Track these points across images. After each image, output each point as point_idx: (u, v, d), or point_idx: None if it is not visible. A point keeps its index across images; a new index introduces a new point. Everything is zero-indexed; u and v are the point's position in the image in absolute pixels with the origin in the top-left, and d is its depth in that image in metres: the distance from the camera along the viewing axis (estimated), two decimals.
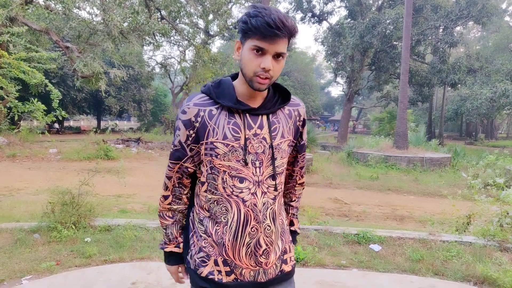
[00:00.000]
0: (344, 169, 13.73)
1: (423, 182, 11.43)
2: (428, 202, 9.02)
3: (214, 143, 1.32)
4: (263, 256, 1.38)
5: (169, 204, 1.49)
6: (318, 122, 53.61)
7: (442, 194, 8.62)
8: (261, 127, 1.35)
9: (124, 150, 16.98)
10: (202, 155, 1.37)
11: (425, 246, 4.28)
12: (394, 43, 23.05)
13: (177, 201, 1.49)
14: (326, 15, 27.57)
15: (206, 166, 1.38)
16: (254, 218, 1.34)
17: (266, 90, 1.38)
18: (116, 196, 7.99)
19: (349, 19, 26.28)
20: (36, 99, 5.29)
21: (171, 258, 1.51)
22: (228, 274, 1.38)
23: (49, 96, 5.50)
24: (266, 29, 1.18)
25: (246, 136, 1.32)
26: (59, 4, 12.67)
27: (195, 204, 1.48)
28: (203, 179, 1.41)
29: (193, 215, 1.48)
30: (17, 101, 5.22)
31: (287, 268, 1.48)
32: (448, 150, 17.79)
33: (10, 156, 13.73)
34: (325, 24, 28.68)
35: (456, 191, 5.51)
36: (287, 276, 1.49)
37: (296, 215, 1.67)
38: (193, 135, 1.35)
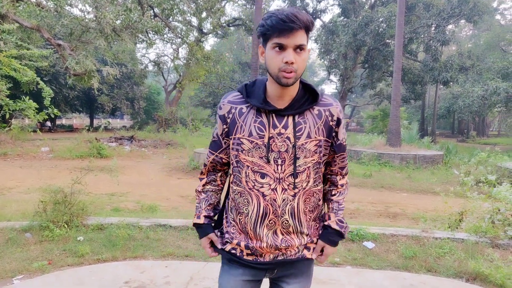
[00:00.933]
0: None
1: (416, 179, 11.49)
2: (421, 199, 9.08)
3: (241, 139, 1.44)
4: (282, 244, 1.48)
5: (204, 185, 1.65)
6: None
7: (435, 191, 8.69)
8: (286, 127, 1.41)
9: (117, 148, 16.89)
10: (230, 149, 1.50)
11: (418, 243, 4.31)
12: (387, 41, 23.12)
13: (212, 182, 1.66)
14: (319, 13, 27.58)
15: (233, 160, 1.50)
16: (272, 212, 1.44)
17: (295, 90, 1.43)
18: (109, 194, 7.95)
19: (342, 17, 26.31)
20: (27, 97, 5.22)
21: (198, 231, 1.63)
22: (248, 255, 1.51)
23: (41, 94, 5.42)
24: (281, 24, 1.26)
25: (270, 135, 1.40)
26: (51, 1, 12.53)
27: (230, 193, 1.59)
28: (230, 171, 1.57)
29: (228, 202, 1.60)
30: (8, 99, 5.15)
31: (308, 255, 1.56)
32: (440, 147, 17.92)
33: (1, 155, 13.61)
34: (318, 22, 28.71)
35: (449, 188, 5.54)
36: (307, 261, 1.59)
37: (336, 209, 1.61)
38: (226, 129, 1.50)
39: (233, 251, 1.53)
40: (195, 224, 1.63)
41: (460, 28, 38.84)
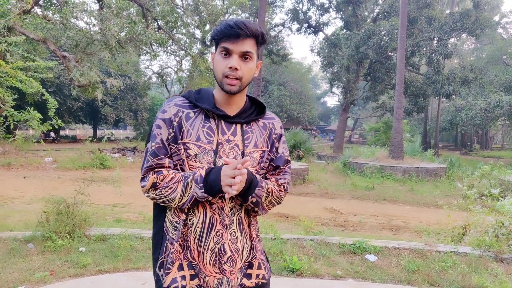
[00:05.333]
0: (340, 179, 13.74)
1: (419, 192, 11.45)
2: (424, 212, 9.03)
3: (187, 144, 1.35)
4: (227, 263, 1.36)
5: (158, 176, 1.34)
6: (314, 132, 53.79)
7: (438, 204, 8.66)
8: (234, 134, 1.39)
9: (120, 159, 16.93)
10: (181, 155, 1.36)
11: (421, 256, 4.28)
12: (389, 54, 23.25)
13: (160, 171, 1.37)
14: (322, 26, 27.81)
15: (179, 167, 1.38)
16: (220, 222, 1.35)
17: (243, 101, 1.44)
18: (112, 205, 7.95)
19: (344, 30, 26.53)
20: (32, 108, 5.28)
21: (208, 183, 1.29)
22: (192, 278, 1.35)
23: (45, 104, 5.47)
24: (228, 29, 1.28)
25: (219, 141, 1.36)
26: (57, 14, 12.72)
27: (170, 209, 1.42)
28: None
29: (167, 223, 1.42)
30: (13, 109, 5.20)
31: (248, 283, 1.43)
32: (443, 160, 17.85)
33: (5, 165, 13.65)
34: (321, 35, 28.93)
35: (452, 201, 5.53)
36: None
37: (263, 181, 1.42)
38: (172, 134, 1.36)
39: (174, 285, 1.33)
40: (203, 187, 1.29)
41: (462, 41, 39.04)
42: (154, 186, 1.33)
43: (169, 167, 1.37)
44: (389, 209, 9.27)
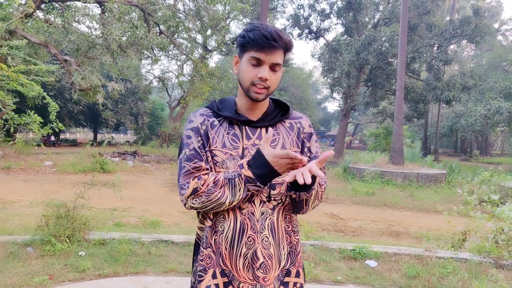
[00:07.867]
0: (340, 184, 13.73)
1: (419, 198, 11.43)
2: (424, 218, 9.02)
3: (214, 151, 1.35)
4: (260, 270, 1.30)
5: (199, 179, 1.30)
6: None
7: (438, 210, 8.64)
8: (259, 138, 1.37)
9: (120, 163, 16.93)
10: (209, 162, 1.36)
11: (421, 262, 4.27)
12: (390, 60, 23.28)
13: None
14: (322, 31, 27.90)
15: None
16: (251, 227, 1.30)
17: (266, 105, 1.43)
18: (112, 209, 7.94)
19: (345, 36, 26.60)
20: (32, 111, 5.28)
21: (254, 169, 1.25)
22: (225, 286, 1.32)
23: (46, 108, 5.48)
24: (263, 41, 1.25)
25: (245, 146, 1.35)
26: (59, 18, 12.79)
27: (200, 215, 1.44)
28: None
29: (199, 231, 1.45)
30: (13, 113, 5.20)
31: None
32: (443, 166, 17.86)
33: (4, 168, 13.65)
34: (321, 41, 29.00)
35: (452, 207, 5.52)
36: None
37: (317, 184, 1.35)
38: (201, 141, 1.36)
39: None
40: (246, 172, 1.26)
41: (462, 48, 39.13)
42: (195, 192, 1.28)
43: (207, 169, 1.34)
44: (389, 215, 9.25)
